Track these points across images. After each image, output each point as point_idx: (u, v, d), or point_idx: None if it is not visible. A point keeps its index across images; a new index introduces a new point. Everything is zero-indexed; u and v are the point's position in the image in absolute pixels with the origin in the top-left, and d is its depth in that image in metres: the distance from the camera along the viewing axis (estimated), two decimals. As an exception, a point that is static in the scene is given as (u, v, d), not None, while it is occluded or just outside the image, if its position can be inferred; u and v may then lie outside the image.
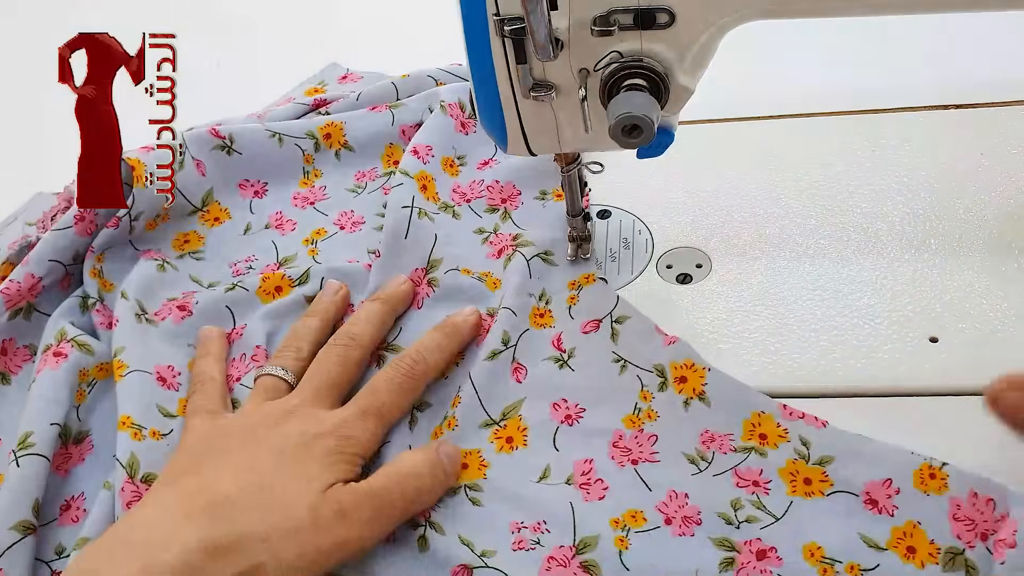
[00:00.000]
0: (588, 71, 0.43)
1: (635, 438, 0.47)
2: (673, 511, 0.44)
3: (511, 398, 0.49)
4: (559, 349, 0.51)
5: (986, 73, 0.65)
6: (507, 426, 0.48)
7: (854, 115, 0.63)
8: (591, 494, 0.45)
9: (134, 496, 0.46)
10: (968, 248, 0.53)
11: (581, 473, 0.46)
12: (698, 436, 0.46)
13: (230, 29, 0.89)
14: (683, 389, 0.48)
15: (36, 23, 0.96)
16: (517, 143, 0.48)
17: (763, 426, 0.46)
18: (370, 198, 0.63)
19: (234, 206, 0.64)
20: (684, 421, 0.47)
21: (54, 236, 0.57)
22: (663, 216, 0.58)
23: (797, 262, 0.54)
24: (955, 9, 0.42)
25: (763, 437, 0.45)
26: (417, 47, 0.77)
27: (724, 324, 0.51)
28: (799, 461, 0.44)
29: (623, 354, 0.50)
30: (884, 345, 0.49)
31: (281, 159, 0.65)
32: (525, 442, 0.48)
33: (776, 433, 0.45)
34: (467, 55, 0.44)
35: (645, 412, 0.48)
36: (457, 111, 0.66)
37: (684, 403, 0.47)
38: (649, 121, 0.40)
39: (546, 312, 0.53)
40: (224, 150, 0.64)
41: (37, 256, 0.57)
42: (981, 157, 0.58)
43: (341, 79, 0.77)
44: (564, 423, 0.48)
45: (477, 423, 0.49)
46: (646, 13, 0.41)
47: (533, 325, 0.53)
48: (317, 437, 0.44)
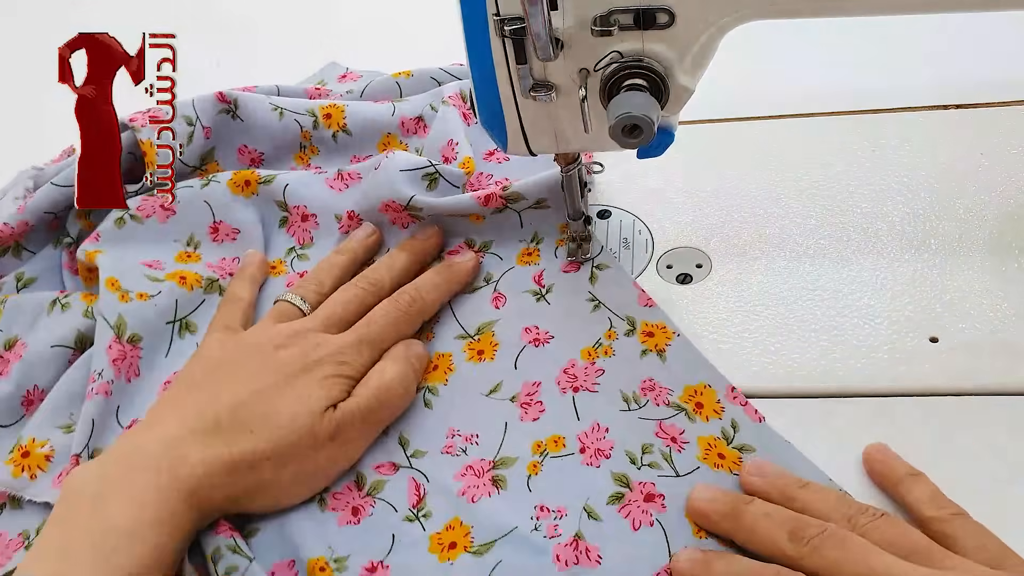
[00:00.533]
0: (588, 71, 0.43)
1: (585, 369, 0.50)
2: (590, 442, 0.46)
3: (487, 318, 0.53)
4: (539, 284, 0.54)
5: (986, 73, 0.65)
6: (480, 340, 0.52)
7: (854, 115, 0.63)
8: (527, 415, 0.48)
9: (120, 355, 0.50)
10: (968, 248, 0.53)
11: (526, 393, 0.49)
12: (640, 381, 0.49)
13: (230, 29, 0.89)
14: (646, 341, 0.50)
15: (36, 23, 0.96)
16: (517, 143, 0.48)
17: (703, 396, 0.47)
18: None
19: (230, 168, 0.65)
20: (635, 365, 0.49)
21: (50, 190, 0.60)
22: (663, 216, 0.58)
23: (797, 262, 0.54)
24: (955, 9, 0.42)
25: (699, 406, 0.47)
26: (417, 47, 0.77)
27: (724, 324, 0.51)
28: (721, 440, 0.45)
29: (599, 296, 0.53)
30: (884, 345, 0.49)
31: (280, 131, 0.66)
32: (493, 356, 0.51)
33: (712, 407, 0.47)
34: (467, 55, 0.44)
35: (603, 348, 0.50)
36: (459, 101, 0.66)
37: (642, 352, 0.50)
38: (649, 121, 0.40)
39: (534, 251, 0.56)
40: (229, 114, 0.65)
41: (34, 206, 0.60)
42: (981, 157, 0.58)
43: (341, 78, 0.77)
44: (531, 344, 0.51)
45: (453, 335, 0.53)
46: (646, 13, 0.41)
47: (519, 263, 0.56)
48: (318, 362, 0.47)
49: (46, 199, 0.60)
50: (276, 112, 0.66)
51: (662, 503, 0.43)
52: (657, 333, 0.50)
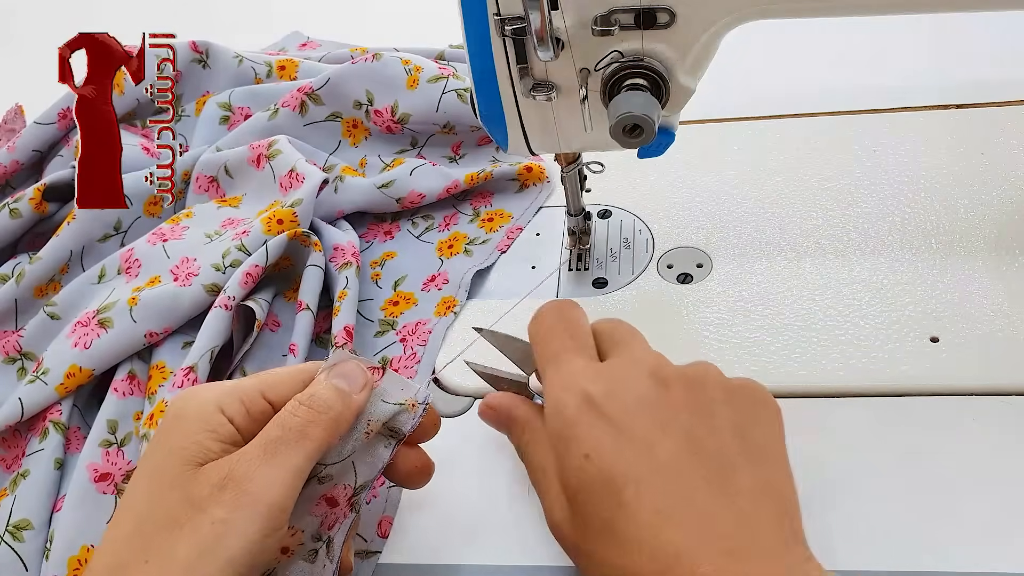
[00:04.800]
0: (589, 71, 0.43)
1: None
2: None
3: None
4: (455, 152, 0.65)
5: (986, 73, 0.65)
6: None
7: (854, 115, 0.63)
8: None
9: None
10: (968, 248, 0.53)
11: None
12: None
13: (229, 29, 0.89)
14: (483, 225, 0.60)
15: (36, 23, 0.96)
16: (518, 143, 0.48)
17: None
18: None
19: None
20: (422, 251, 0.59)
21: (36, 128, 0.66)
22: (663, 216, 0.58)
23: (797, 262, 0.54)
24: (955, 9, 0.42)
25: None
26: (418, 47, 0.77)
27: (724, 324, 0.51)
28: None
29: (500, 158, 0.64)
30: (884, 345, 0.49)
31: (235, 76, 0.70)
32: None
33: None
34: (468, 55, 0.44)
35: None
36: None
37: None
38: (650, 121, 0.40)
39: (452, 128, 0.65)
40: (200, 63, 0.70)
41: (21, 144, 0.66)
42: (981, 157, 0.58)
43: (301, 46, 0.80)
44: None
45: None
46: (647, 13, 0.41)
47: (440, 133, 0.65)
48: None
49: (33, 138, 0.66)
50: (236, 59, 0.71)
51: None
52: (496, 218, 0.60)
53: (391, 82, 0.64)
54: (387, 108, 0.63)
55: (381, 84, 0.64)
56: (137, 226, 0.62)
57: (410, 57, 0.65)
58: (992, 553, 0.40)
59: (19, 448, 0.52)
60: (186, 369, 0.49)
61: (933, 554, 0.41)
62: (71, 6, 0.91)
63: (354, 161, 0.65)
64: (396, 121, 0.64)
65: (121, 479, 0.48)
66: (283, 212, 0.56)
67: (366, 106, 0.64)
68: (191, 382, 0.49)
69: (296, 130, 0.64)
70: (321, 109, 0.65)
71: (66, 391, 0.51)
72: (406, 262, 0.59)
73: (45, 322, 0.56)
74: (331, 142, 0.65)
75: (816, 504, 0.43)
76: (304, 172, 0.59)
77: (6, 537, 0.46)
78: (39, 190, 0.61)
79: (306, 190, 0.57)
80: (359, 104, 0.64)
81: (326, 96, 0.65)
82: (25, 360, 0.56)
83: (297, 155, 0.61)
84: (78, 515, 0.47)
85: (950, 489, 0.43)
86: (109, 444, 0.49)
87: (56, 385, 0.51)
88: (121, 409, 0.51)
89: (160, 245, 0.58)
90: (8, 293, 0.58)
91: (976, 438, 0.44)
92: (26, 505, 0.47)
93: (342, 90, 0.64)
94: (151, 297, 0.53)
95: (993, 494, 0.42)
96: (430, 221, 0.61)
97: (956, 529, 0.41)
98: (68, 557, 0.45)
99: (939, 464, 0.44)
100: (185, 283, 0.54)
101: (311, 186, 0.57)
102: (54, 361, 0.52)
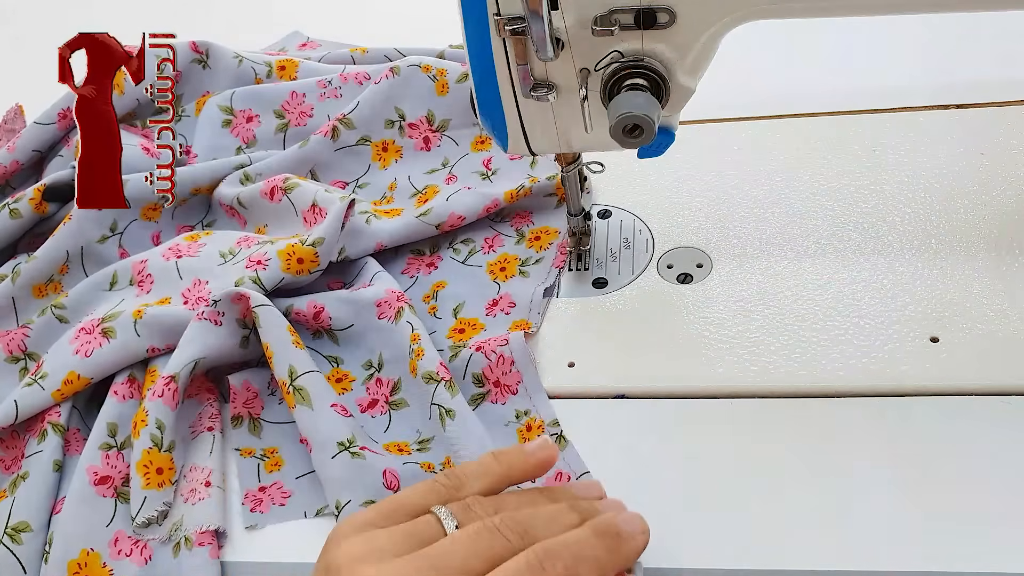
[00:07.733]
0: (589, 71, 0.43)
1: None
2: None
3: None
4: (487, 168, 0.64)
5: (986, 73, 0.65)
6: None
7: (854, 115, 0.63)
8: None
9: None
10: (968, 248, 0.53)
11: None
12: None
13: (229, 29, 0.89)
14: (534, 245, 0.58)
15: (36, 23, 0.96)
16: (518, 143, 0.48)
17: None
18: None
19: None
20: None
21: (36, 128, 0.66)
22: (663, 216, 0.58)
23: (797, 262, 0.54)
24: (955, 9, 0.42)
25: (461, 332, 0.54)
26: (418, 47, 0.77)
27: (724, 324, 0.51)
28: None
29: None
30: (884, 345, 0.49)
31: (236, 77, 0.70)
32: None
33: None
34: (468, 55, 0.44)
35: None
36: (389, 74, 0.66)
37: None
38: (650, 121, 0.40)
39: (486, 139, 0.64)
40: (200, 64, 0.70)
41: (21, 144, 0.66)
42: (981, 157, 0.58)
43: (300, 46, 0.80)
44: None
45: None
46: (647, 13, 0.41)
47: (472, 149, 0.64)
48: None
49: (33, 138, 0.66)
50: (236, 59, 0.70)
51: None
52: (543, 236, 0.58)
53: (419, 93, 0.64)
54: (422, 120, 0.64)
55: (409, 98, 0.64)
56: (132, 228, 0.62)
57: (429, 62, 0.64)
58: (992, 553, 0.40)
59: (18, 449, 0.52)
60: (167, 378, 0.49)
61: (933, 554, 0.41)
62: (71, 6, 0.90)
63: (383, 186, 0.64)
64: (435, 130, 0.64)
65: (120, 482, 0.48)
66: (304, 251, 0.53)
67: (399, 122, 0.64)
68: (172, 392, 0.48)
69: (327, 155, 0.63)
70: (352, 133, 0.64)
71: (62, 397, 0.51)
72: (460, 289, 0.57)
73: (52, 323, 0.56)
74: (360, 167, 0.64)
75: (816, 504, 0.43)
76: (325, 206, 0.56)
77: (5, 539, 0.46)
78: (39, 190, 0.61)
79: (328, 227, 0.54)
80: (391, 123, 0.64)
81: (357, 120, 0.64)
82: (28, 360, 0.56)
83: (316, 187, 0.59)
84: (77, 518, 0.46)
85: (950, 489, 0.43)
86: (109, 447, 0.49)
87: (53, 391, 0.51)
88: (121, 412, 0.50)
89: (174, 262, 0.57)
90: (5, 291, 0.58)
91: (976, 438, 0.44)
92: (25, 507, 0.47)
93: (372, 112, 0.64)
94: (157, 313, 0.53)
95: (993, 494, 0.42)
96: (471, 245, 0.59)
97: (956, 529, 0.41)
98: (67, 560, 0.45)
99: (939, 464, 0.44)
100: (194, 307, 0.53)
101: (334, 221, 0.55)
102: (53, 366, 0.52)
